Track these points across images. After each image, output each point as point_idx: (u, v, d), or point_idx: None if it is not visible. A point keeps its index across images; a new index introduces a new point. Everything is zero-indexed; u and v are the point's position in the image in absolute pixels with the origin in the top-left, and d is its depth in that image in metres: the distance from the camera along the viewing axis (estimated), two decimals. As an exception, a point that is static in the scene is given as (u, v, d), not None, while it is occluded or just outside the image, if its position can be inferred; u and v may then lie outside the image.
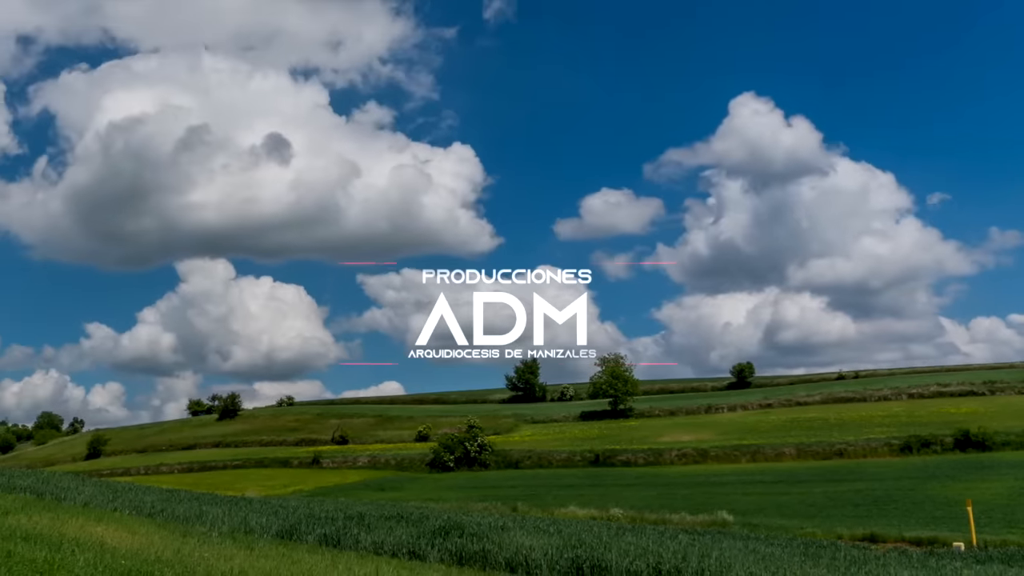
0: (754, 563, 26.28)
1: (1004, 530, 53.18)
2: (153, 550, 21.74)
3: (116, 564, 17.83)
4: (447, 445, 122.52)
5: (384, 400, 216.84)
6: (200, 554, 22.02)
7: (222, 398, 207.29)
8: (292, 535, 30.84)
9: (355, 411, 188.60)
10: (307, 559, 24.23)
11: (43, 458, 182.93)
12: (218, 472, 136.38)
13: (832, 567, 28.24)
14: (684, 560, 25.69)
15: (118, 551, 20.19)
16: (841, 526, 57.27)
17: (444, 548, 28.55)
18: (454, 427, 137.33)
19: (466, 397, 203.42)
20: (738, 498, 74.37)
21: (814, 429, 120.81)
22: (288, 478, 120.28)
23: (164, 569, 18.28)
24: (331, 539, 30.33)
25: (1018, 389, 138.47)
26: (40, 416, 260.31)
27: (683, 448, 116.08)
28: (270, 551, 25.54)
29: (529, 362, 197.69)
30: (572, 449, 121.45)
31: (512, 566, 26.82)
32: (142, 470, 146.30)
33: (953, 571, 29.84)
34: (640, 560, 25.70)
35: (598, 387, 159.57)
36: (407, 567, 25.37)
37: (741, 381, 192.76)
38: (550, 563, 26.44)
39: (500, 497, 78.64)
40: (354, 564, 24.00)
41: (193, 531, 28.62)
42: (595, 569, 25.72)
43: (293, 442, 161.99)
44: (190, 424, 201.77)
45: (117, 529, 24.90)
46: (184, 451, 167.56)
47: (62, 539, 20.74)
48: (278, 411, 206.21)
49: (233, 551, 24.04)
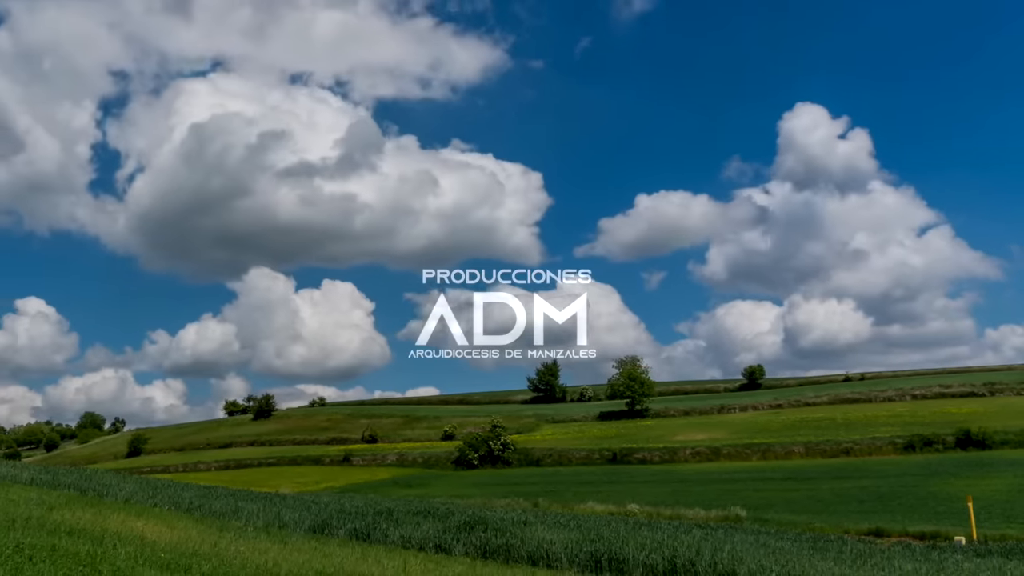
0: (765, 556, 26.23)
1: (1003, 525, 53.10)
2: (191, 544, 21.83)
3: (156, 557, 17.91)
4: (471, 444, 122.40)
5: (411, 401, 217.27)
6: (236, 548, 22.11)
7: (257, 399, 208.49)
8: (324, 530, 30.86)
9: (384, 411, 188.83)
10: (338, 552, 24.27)
11: (86, 456, 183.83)
12: (253, 469, 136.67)
13: (839, 560, 28.20)
14: (698, 554, 25.53)
15: (158, 545, 20.29)
16: (848, 521, 57.13)
17: (469, 542, 28.54)
18: (478, 427, 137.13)
19: (489, 398, 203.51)
20: (749, 494, 74.02)
21: (822, 428, 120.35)
22: (320, 475, 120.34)
23: (201, 562, 18.32)
24: (361, 533, 30.34)
25: (1016, 390, 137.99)
26: (83, 416, 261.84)
27: (697, 447, 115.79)
28: (303, 545, 25.61)
29: (550, 364, 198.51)
30: (591, 448, 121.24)
31: (534, 559, 26.78)
32: (180, 467, 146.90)
33: (954, 564, 29.53)
34: (656, 554, 25.64)
35: (615, 388, 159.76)
36: (434, 560, 25.30)
37: (752, 382, 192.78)
38: (570, 556, 26.42)
39: (522, 493, 78.53)
40: (383, 557, 24.02)
41: (229, 526, 28.69)
42: (613, 562, 25.66)
43: (325, 441, 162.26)
44: (226, 424, 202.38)
45: (157, 524, 25.00)
46: (220, 449, 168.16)
47: (104, 533, 20.82)
48: (310, 411, 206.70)
49: (267, 545, 24.11)
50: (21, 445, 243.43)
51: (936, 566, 28.41)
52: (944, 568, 28.05)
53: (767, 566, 24.18)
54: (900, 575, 24.76)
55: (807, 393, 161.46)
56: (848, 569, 25.28)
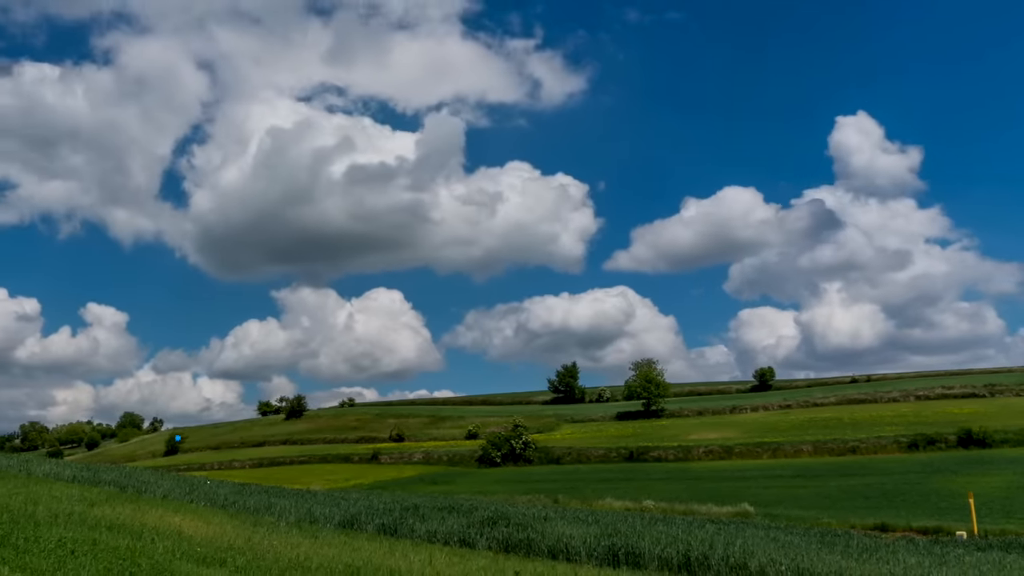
0: (775, 550, 26.23)
1: (1003, 520, 53.08)
2: (226, 538, 21.89)
3: (192, 551, 17.97)
4: (494, 442, 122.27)
5: (437, 401, 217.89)
6: (269, 542, 22.14)
7: (289, 400, 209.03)
8: (353, 525, 30.92)
9: (410, 411, 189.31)
10: (367, 546, 24.29)
11: (125, 454, 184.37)
12: (285, 467, 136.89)
13: (846, 554, 28.09)
14: (711, 547, 25.65)
15: (194, 539, 20.34)
16: (854, 516, 57.03)
17: (492, 536, 28.65)
18: (501, 426, 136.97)
19: (511, 399, 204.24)
20: (760, 491, 73.88)
21: (829, 428, 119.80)
22: (349, 473, 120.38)
23: (236, 556, 18.38)
24: (389, 528, 30.40)
25: (1015, 391, 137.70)
26: (123, 416, 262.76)
27: (710, 445, 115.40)
28: (333, 539, 25.63)
29: (569, 366, 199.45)
30: (608, 446, 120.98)
31: (554, 553, 26.86)
32: (215, 465, 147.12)
33: (956, 558, 29.65)
34: (671, 547, 25.80)
35: (632, 390, 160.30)
36: (458, 554, 25.36)
37: (763, 384, 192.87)
38: (588, 550, 26.52)
39: (543, 490, 78.37)
40: (410, 551, 24.05)
41: (263, 521, 28.77)
42: (630, 556, 25.81)
43: (354, 440, 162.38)
44: (260, 423, 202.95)
45: (193, 519, 25.06)
46: (254, 448, 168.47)
47: (143, 528, 20.90)
48: (340, 412, 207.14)
49: (299, 539, 24.16)
50: (63, 444, 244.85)
51: (939, 560, 28.39)
52: (946, 562, 28.02)
53: (777, 559, 24.24)
54: (904, 568, 24.60)
55: (815, 394, 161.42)
56: (854, 562, 25.16)
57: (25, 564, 13.46)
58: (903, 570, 24.23)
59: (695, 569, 24.66)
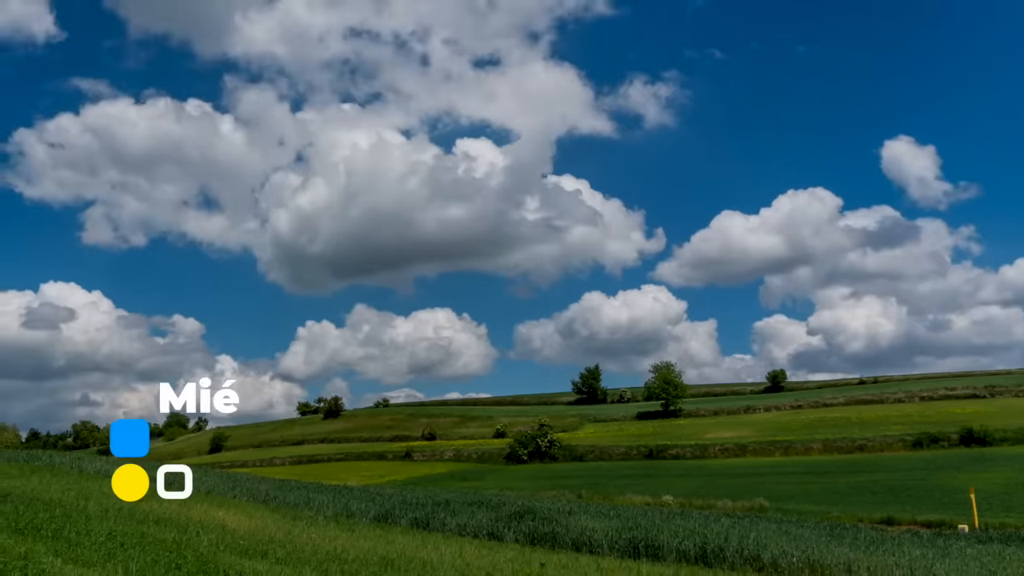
0: (787, 542, 26.08)
1: (1002, 514, 52.83)
2: (267, 531, 21.87)
3: (235, 543, 17.94)
4: (521, 441, 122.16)
5: (467, 402, 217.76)
6: (308, 535, 22.10)
7: (327, 400, 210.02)
8: (387, 519, 30.86)
9: (442, 411, 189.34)
10: (400, 539, 24.24)
11: (172, 452, 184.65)
12: (323, 464, 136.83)
13: (854, 546, 27.96)
14: (726, 540, 25.53)
15: (237, 532, 20.32)
16: (862, 511, 56.73)
17: (519, 530, 28.56)
18: (527, 425, 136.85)
19: (537, 399, 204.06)
20: (773, 487, 73.42)
21: (838, 427, 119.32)
22: (384, 469, 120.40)
23: (276, 548, 18.33)
24: (421, 522, 30.33)
25: (1014, 392, 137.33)
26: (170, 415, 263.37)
27: (725, 443, 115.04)
28: (368, 532, 25.60)
29: (592, 369, 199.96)
30: (629, 445, 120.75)
31: (578, 545, 26.74)
32: (257, 462, 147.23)
33: (958, 550, 29.45)
34: (688, 540, 25.63)
35: (652, 390, 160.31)
36: (487, 546, 25.28)
37: (775, 385, 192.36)
38: (610, 543, 26.35)
39: (567, 486, 78.19)
40: (441, 544, 23.99)
41: (302, 515, 28.76)
42: (649, 548, 25.61)
43: (388, 438, 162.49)
44: (299, 423, 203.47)
45: (236, 514, 25.05)
46: (294, 446, 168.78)
47: (188, 522, 20.89)
48: (375, 411, 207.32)
49: (336, 532, 24.12)
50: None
51: (942, 552, 28.22)
52: (949, 553, 27.77)
53: (788, 551, 24.09)
54: (909, 560, 24.34)
55: (825, 395, 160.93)
56: (862, 554, 25.01)
57: (77, 556, 13.47)
58: (908, 561, 23.97)
59: (711, 561, 24.52)
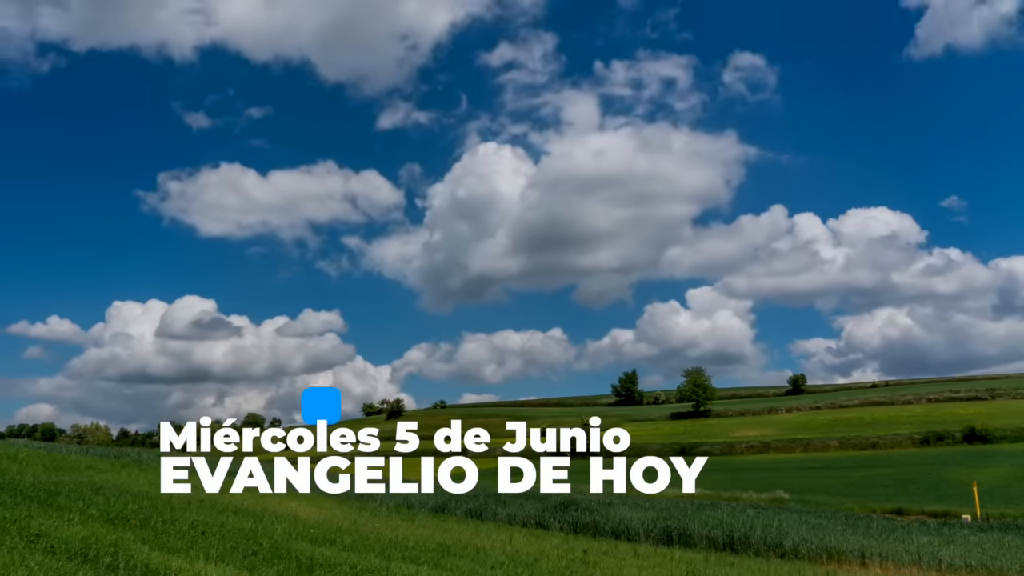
0: (806, 531, 26.20)
1: (1002, 505, 52.66)
2: (335, 521, 21.90)
3: (306, 532, 17.92)
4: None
5: (516, 403, 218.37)
6: (372, 524, 22.08)
7: (390, 402, 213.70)
8: (444, 510, 30.78)
9: (491, 412, 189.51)
10: (456, 528, 24.23)
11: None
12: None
13: (867, 534, 28.13)
14: (751, 528, 25.79)
15: (308, 522, 20.30)
16: (874, 502, 56.62)
17: (563, 519, 28.63)
18: (570, 425, 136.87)
19: (580, 401, 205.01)
20: (793, 480, 72.78)
21: (853, 426, 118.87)
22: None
23: (344, 536, 18.30)
24: (475, 513, 30.32)
25: (1013, 394, 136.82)
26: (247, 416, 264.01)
27: (750, 441, 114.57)
28: (427, 522, 25.61)
29: (630, 373, 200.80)
30: (663, 442, 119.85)
31: (616, 534, 26.86)
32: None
33: (962, 537, 29.52)
34: (717, 529, 25.92)
35: (684, 393, 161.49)
36: (534, 534, 25.39)
37: (796, 388, 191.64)
38: (646, 531, 26.58)
39: (607, 480, 77.95)
40: (493, 532, 24.04)
41: (367, 507, 28.72)
42: (682, 536, 25.91)
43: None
44: (364, 423, 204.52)
45: (307, 505, 25.07)
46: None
47: (264, 513, 20.92)
48: (432, 412, 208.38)
49: (398, 522, 24.13)
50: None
51: (947, 539, 28.33)
52: (953, 541, 27.91)
53: (808, 538, 24.37)
54: (917, 547, 24.49)
55: (841, 397, 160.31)
56: (874, 541, 25.45)
57: (163, 543, 13.43)
58: (916, 548, 24.25)
59: (738, 547, 24.62)
